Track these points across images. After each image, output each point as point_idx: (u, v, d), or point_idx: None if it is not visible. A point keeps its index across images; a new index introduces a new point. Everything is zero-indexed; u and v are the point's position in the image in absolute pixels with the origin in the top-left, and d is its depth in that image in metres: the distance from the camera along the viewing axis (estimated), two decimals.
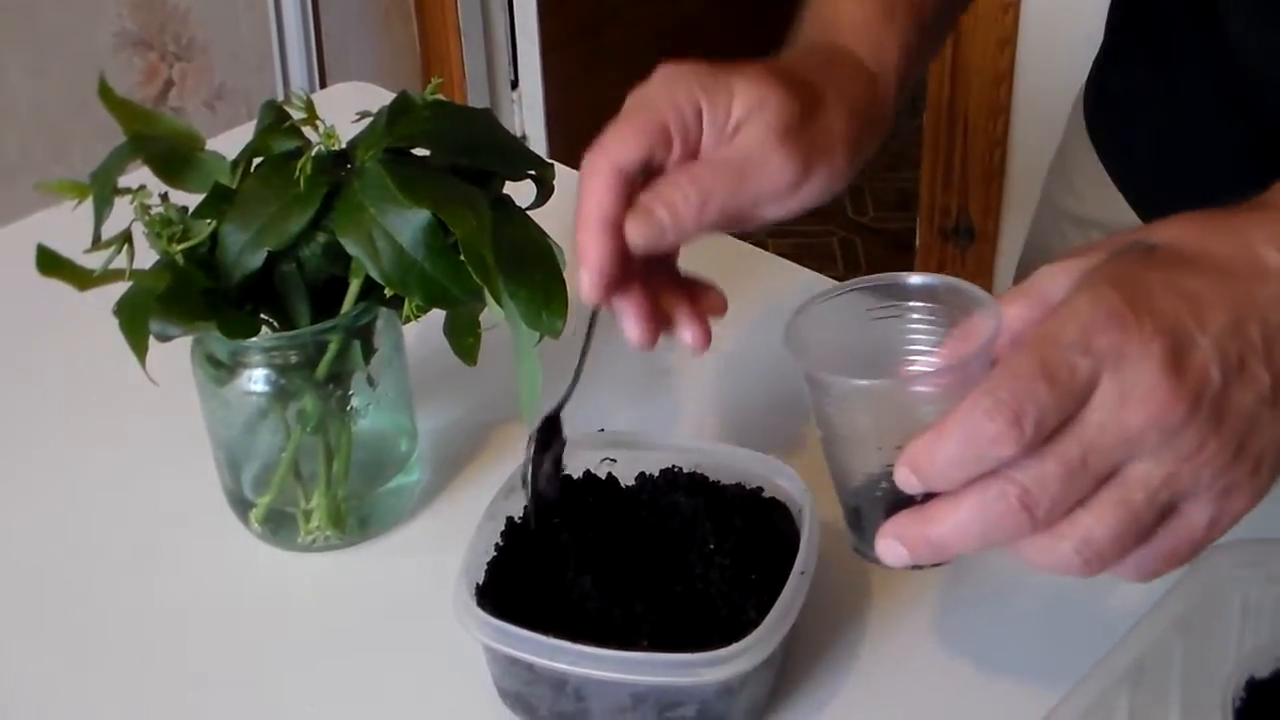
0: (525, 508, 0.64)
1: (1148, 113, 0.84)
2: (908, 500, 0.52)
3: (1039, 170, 0.98)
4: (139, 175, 0.66)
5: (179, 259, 0.64)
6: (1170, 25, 0.81)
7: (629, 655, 0.58)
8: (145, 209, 0.64)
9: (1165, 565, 0.52)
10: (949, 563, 0.53)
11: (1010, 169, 2.00)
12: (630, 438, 0.70)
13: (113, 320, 0.62)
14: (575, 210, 0.61)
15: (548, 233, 0.67)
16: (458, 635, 0.61)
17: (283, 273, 0.66)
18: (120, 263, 0.64)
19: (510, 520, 0.66)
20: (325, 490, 0.71)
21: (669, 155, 0.62)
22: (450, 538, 0.73)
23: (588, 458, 0.69)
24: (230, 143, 0.70)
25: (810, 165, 0.64)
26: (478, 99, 2.43)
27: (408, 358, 0.73)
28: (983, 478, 0.50)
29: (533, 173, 0.70)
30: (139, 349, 0.62)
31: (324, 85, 2.23)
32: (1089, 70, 0.91)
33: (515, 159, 0.70)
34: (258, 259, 0.64)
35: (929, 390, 0.54)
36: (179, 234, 0.64)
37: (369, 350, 0.69)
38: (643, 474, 0.68)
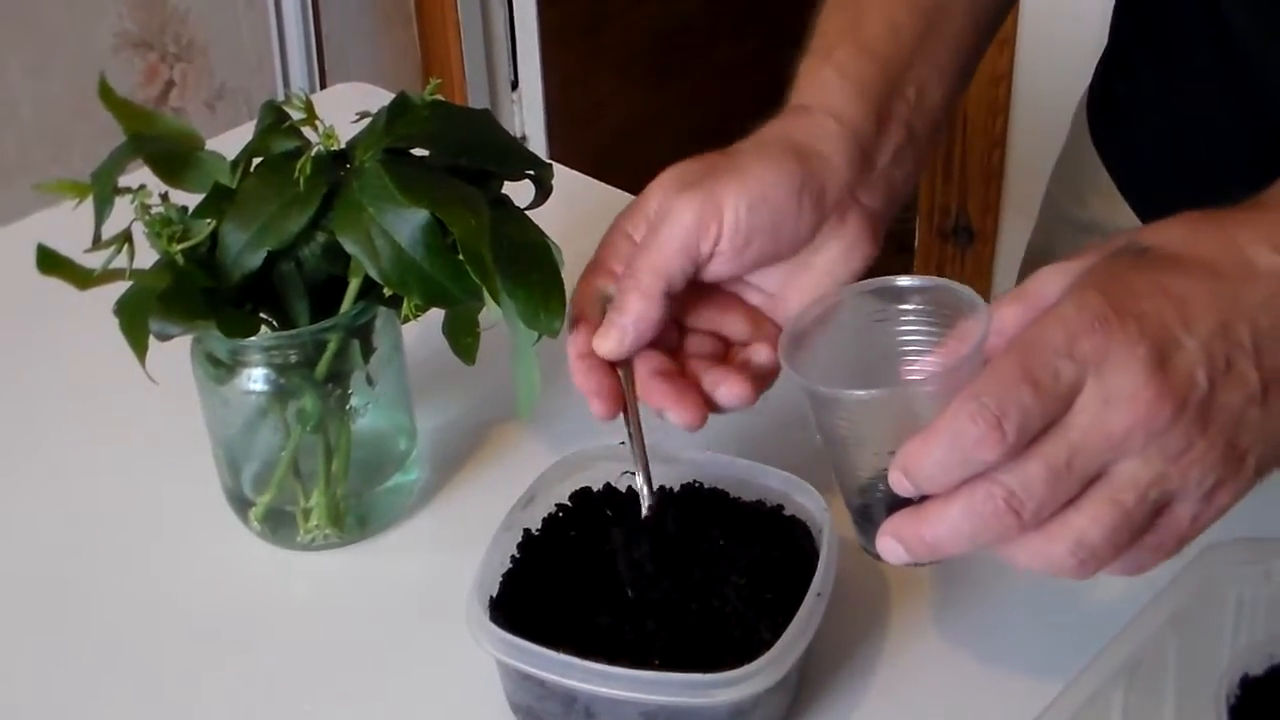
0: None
1: (1152, 119, 0.84)
2: (908, 499, 0.53)
3: (1038, 170, 0.98)
4: (139, 175, 0.66)
5: (179, 258, 0.64)
6: (1175, 31, 0.81)
7: (640, 674, 0.57)
8: (145, 209, 0.64)
9: (1152, 560, 0.53)
10: (950, 560, 0.54)
11: (1009, 169, 2.00)
12: (650, 451, 0.68)
13: (113, 320, 0.63)
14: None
15: (546, 233, 0.67)
16: (458, 635, 0.61)
17: (282, 272, 0.66)
18: (120, 262, 0.64)
19: (527, 532, 0.65)
20: (324, 489, 0.71)
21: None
22: (449, 536, 0.74)
23: (608, 470, 0.68)
24: (230, 143, 0.70)
25: (715, 193, 0.64)
26: (477, 99, 2.43)
27: (407, 357, 0.74)
28: (972, 480, 0.51)
29: (531, 173, 0.71)
30: (139, 348, 0.62)
31: (324, 86, 2.23)
32: (1092, 75, 0.91)
33: (514, 159, 0.70)
34: (257, 258, 0.64)
35: (924, 395, 0.55)
36: (179, 234, 0.64)
37: (368, 349, 0.70)
38: (662, 488, 0.66)
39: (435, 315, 0.70)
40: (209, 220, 0.65)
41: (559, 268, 0.66)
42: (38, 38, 1.93)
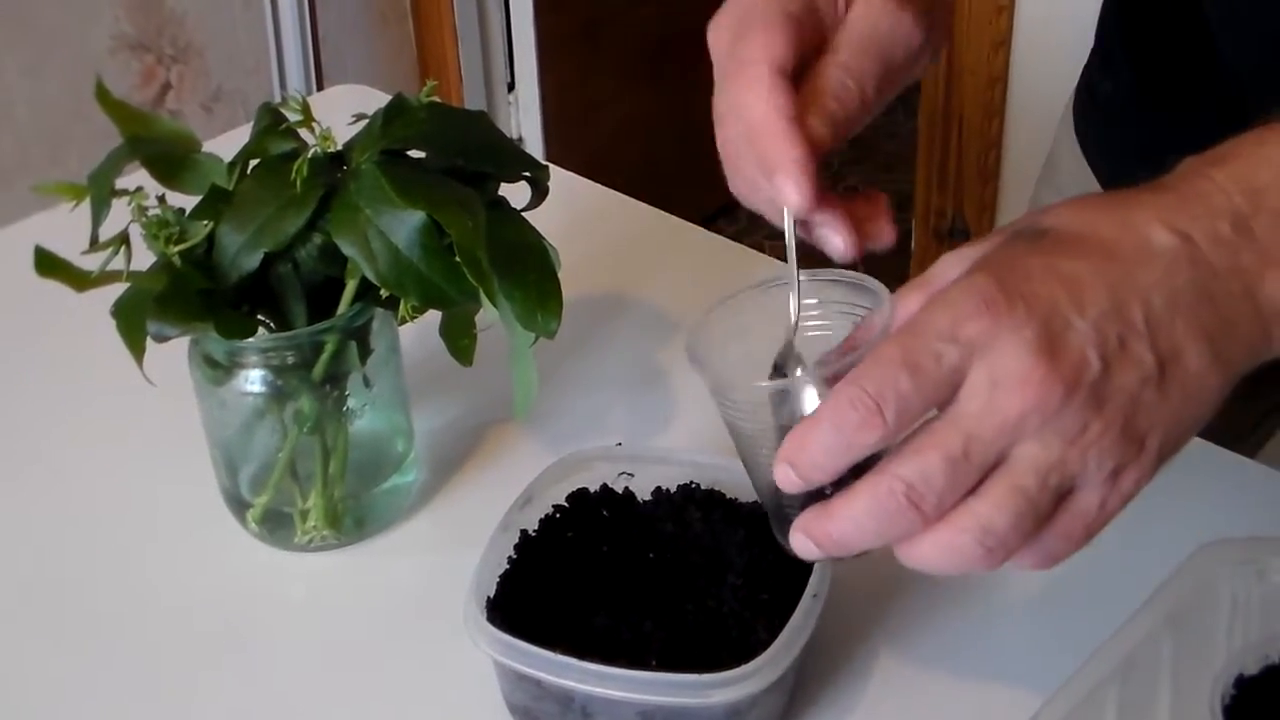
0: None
1: (1135, 119, 0.85)
2: (821, 493, 0.52)
3: (1033, 172, 0.98)
4: (136, 177, 0.66)
5: (176, 260, 0.64)
6: (1158, 32, 0.82)
7: (637, 674, 0.57)
8: (142, 210, 0.64)
9: (1064, 549, 0.52)
10: (866, 554, 0.53)
11: (1005, 171, 2.01)
12: (648, 452, 0.69)
13: (110, 321, 0.63)
14: (743, 123, 0.59)
15: (543, 234, 0.67)
16: (456, 636, 0.61)
17: (279, 274, 0.66)
18: (118, 264, 0.64)
19: (524, 533, 0.65)
20: (322, 490, 0.71)
21: (805, 46, 0.60)
22: (447, 538, 0.74)
23: (605, 472, 0.68)
24: (227, 145, 0.70)
25: (928, 18, 0.61)
26: (474, 101, 2.43)
27: (404, 358, 0.74)
28: (873, 475, 0.50)
29: (528, 174, 0.71)
30: (136, 350, 0.62)
31: (321, 88, 2.23)
32: (1079, 76, 0.91)
33: (510, 161, 0.70)
34: (254, 260, 0.65)
35: (824, 385, 0.54)
36: (176, 235, 0.65)
37: (365, 351, 0.70)
38: (659, 489, 0.67)
39: (432, 317, 0.70)
40: (206, 222, 0.65)
41: (556, 269, 0.66)
42: (34, 39, 1.93)
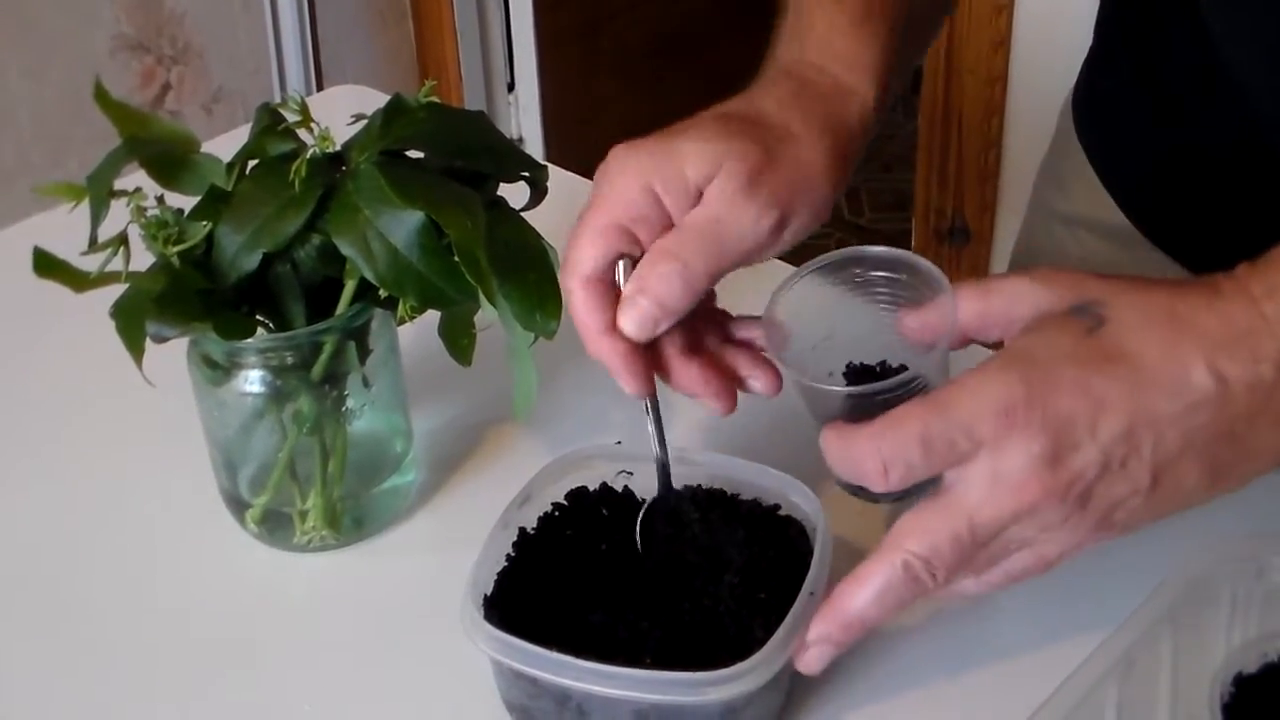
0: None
1: (1135, 113, 0.85)
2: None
3: (1033, 171, 0.98)
4: (135, 178, 0.67)
5: (175, 261, 0.64)
6: (1156, 27, 0.82)
7: (633, 672, 0.57)
8: (141, 211, 0.64)
9: (1005, 583, 0.58)
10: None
11: (1005, 170, 2.01)
12: (647, 451, 0.68)
13: (109, 322, 0.63)
14: (579, 333, 0.63)
15: (542, 234, 0.67)
16: (454, 635, 0.61)
17: (278, 274, 0.66)
18: (117, 265, 0.64)
19: (523, 530, 0.65)
20: (321, 491, 0.71)
21: (639, 245, 0.62)
22: (446, 538, 0.74)
23: (604, 470, 0.68)
24: (227, 145, 0.70)
25: (788, 207, 0.62)
26: (474, 101, 2.43)
27: (403, 359, 0.74)
28: (882, 551, 0.57)
29: (527, 174, 0.71)
30: (135, 350, 0.62)
31: (320, 88, 2.23)
32: (1079, 72, 0.91)
33: (509, 161, 0.70)
34: (253, 260, 0.65)
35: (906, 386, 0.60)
36: (175, 236, 0.65)
37: (364, 351, 0.70)
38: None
39: (431, 317, 0.70)
40: (205, 223, 0.65)
41: (555, 269, 0.66)
42: (34, 41, 1.93)
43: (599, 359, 0.62)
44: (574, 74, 2.49)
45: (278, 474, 0.71)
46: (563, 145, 2.46)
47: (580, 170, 1.00)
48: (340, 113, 0.70)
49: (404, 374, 0.74)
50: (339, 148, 0.67)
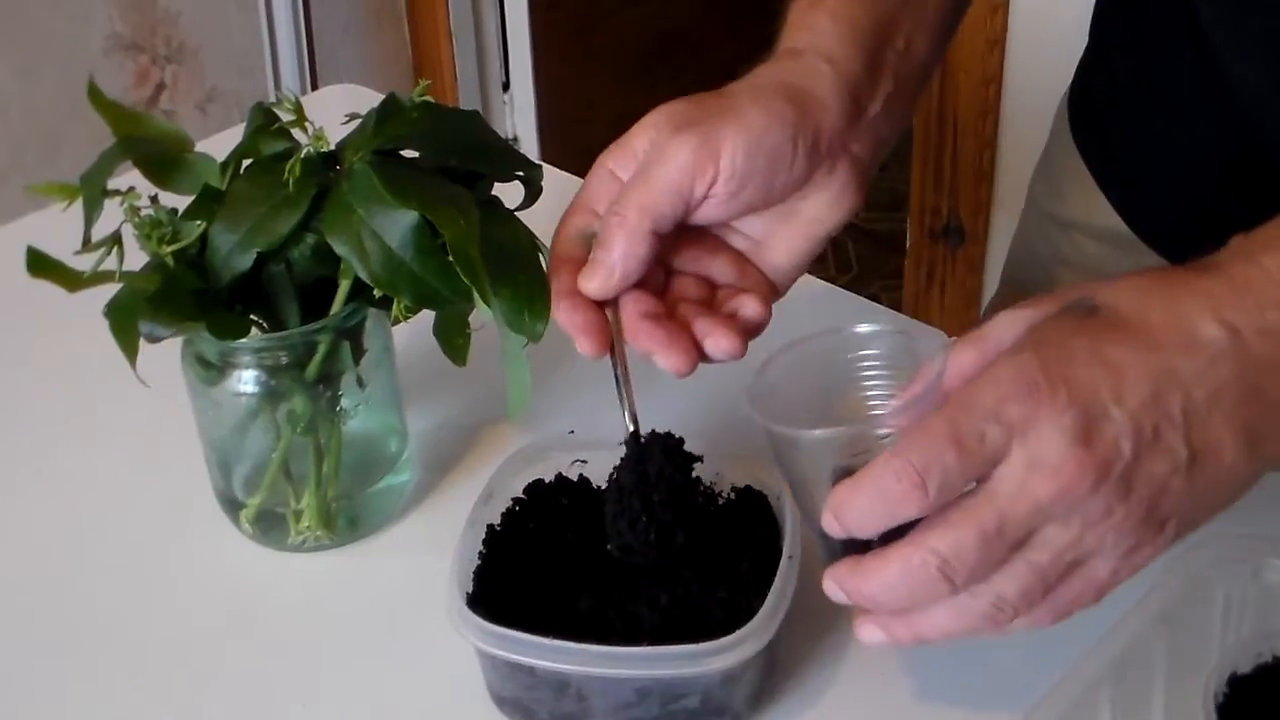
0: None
1: (1131, 116, 0.85)
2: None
3: (1028, 171, 0.98)
4: (129, 178, 0.66)
5: (168, 260, 0.64)
6: (1151, 30, 0.82)
7: (635, 651, 0.59)
8: (135, 211, 0.64)
9: (1071, 609, 0.54)
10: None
11: (1000, 169, 2.01)
12: (601, 439, 0.69)
13: (103, 322, 0.63)
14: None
15: (536, 234, 0.67)
16: (448, 635, 0.61)
17: (272, 274, 0.66)
18: (110, 264, 0.64)
19: (490, 528, 0.66)
20: (315, 491, 0.71)
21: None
22: (440, 538, 0.74)
23: (560, 461, 0.69)
24: (221, 145, 0.70)
25: (713, 134, 0.62)
26: (469, 101, 2.43)
27: (397, 358, 0.74)
28: (906, 545, 0.52)
29: (521, 174, 0.71)
30: (129, 350, 0.62)
31: (315, 88, 2.23)
32: (1074, 74, 0.91)
33: (503, 160, 0.70)
34: (247, 260, 0.64)
35: (878, 433, 0.56)
36: (168, 235, 0.65)
37: (358, 351, 0.70)
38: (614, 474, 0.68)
39: (426, 317, 0.70)
40: (199, 222, 0.65)
41: (546, 270, 0.66)
42: (28, 40, 1.93)
43: (562, 325, 0.63)
44: (569, 74, 2.49)
45: (272, 474, 0.71)
46: (557, 145, 2.46)
47: (575, 170, 1.00)
48: (334, 112, 0.69)
49: (398, 374, 0.74)
50: (333, 147, 0.67)
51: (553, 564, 0.65)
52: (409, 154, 0.67)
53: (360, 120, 0.68)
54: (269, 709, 0.66)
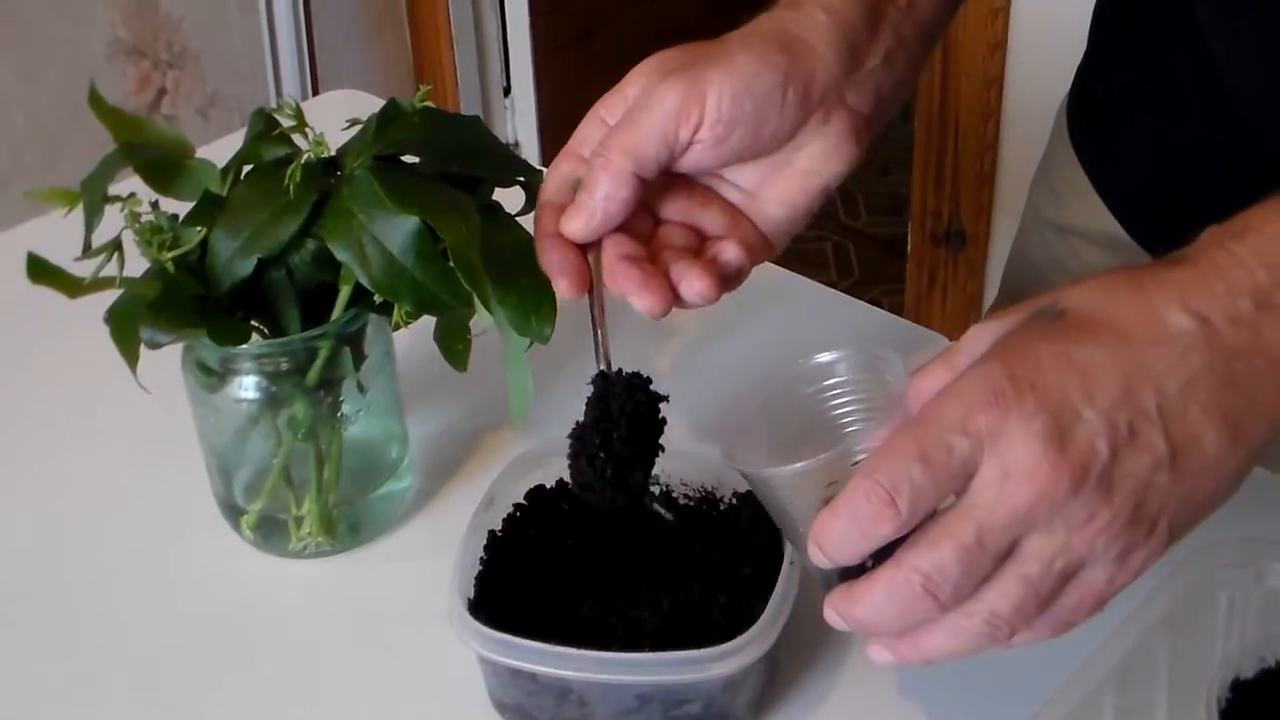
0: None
1: (1130, 121, 0.85)
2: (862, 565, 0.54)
3: (1030, 175, 0.98)
4: (130, 183, 0.66)
5: (169, 266, 0.64)
6: (1151, 35, 0.81)
7: (638, 657, 0.59)
8: (135, 217, 0.64)
9: (1073, 620, 0.53)
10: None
11: (1001, 173, 2.01)
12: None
13: (103, 328, 0.63)
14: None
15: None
16: (449, 641, 0.61)
17: (272, 280, 0.66)
18: (111, 270, 0.64)
19: (492, 534, 0.66)
20: (316, 496, 0.71)
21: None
22: (442, 544, 0.73)
23: (560, 466, 0.68)
24: (222, 150, 0.70)
25: (700, 79, 0.62)
26: (470, 106, 2.43)
27: (398, 364, 0.74)
28: (889, 566, 0.52)
29: (521, 179, 0.71)
30: (129, 356, 0.62)
31: (316, 93, 2.23)
32: (1072, 80, 0.91)
33: (504, 165, 0.70)
34: (248, 266, 0.64)
35: (850, 462, 0.56)
36: (169, 241, 0.64)
37: (359, 357, 0.70)
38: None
39: (426, 322, 0.70)
40: (199, 228, 0.65)
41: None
42: (30, 45, 1.93)
43: (544, 266, 0.62)
44: (570, 79, 2.49)
45: (273, 480, 0.71)
46: (558, 149, 2.45)
47: None
48: (335, 118, 0.69)
49: (399, 379, 0.74)
50: (334, 153, 0.67)
51: (554, 570, 0.65)
52: (410, 159, 0.67)
53: (361, 126, 0.68)
54: (270, 715, 0.66)
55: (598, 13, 2.52)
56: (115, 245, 0.64)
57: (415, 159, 0.67)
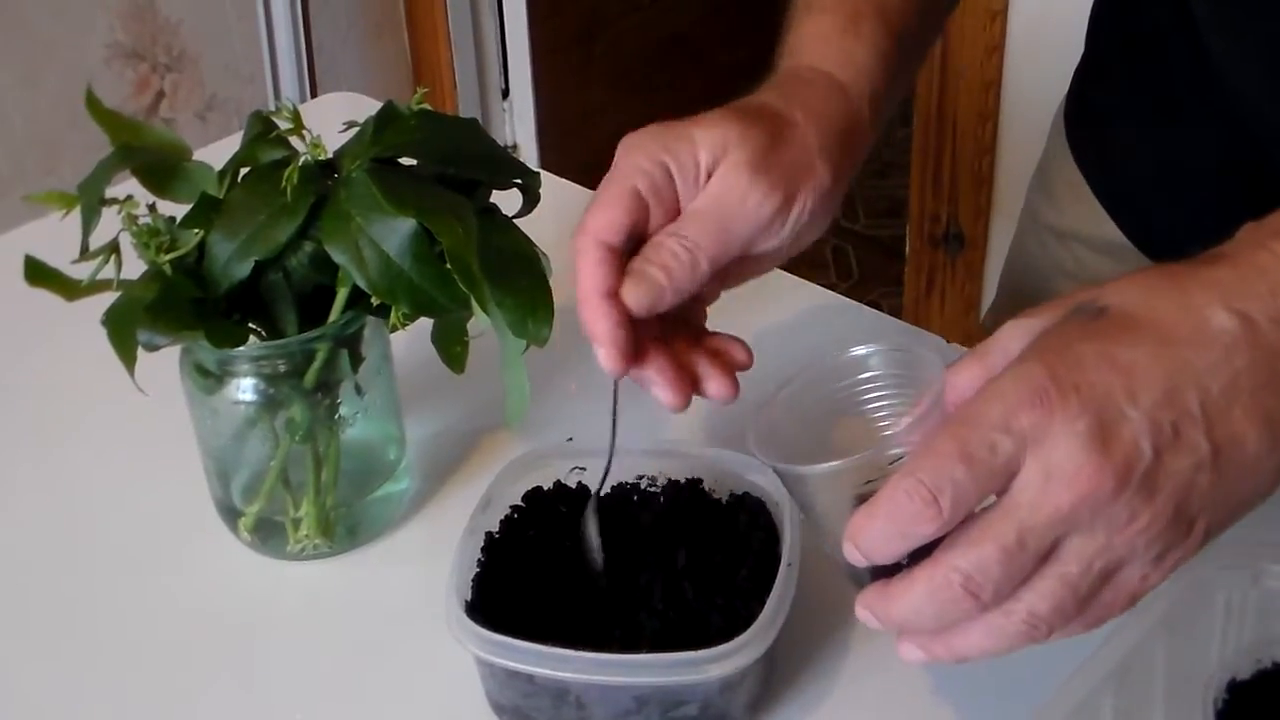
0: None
1: (1128, 124, 0.84)
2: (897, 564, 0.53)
3: (1027, 176, 0.98)
4: (127, 186, 0.66)
5: (167, 269, 0.64)
6: (1149, 39, 0.81)
7: (635, 658, 0.59)
8: (133, 219, 0.64)
9: (1105, 615, 0.53)
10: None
11: (999, 175, 2.01)
12: (600, 447, 0.68)
13: (101, 330, 0.63)
14: (576, 294, 0.62)
15: (535, 241, 0.67)
16: (446, 643, 0.61)
17: (270, 282, 0.66)
18: (108, 273, 0.64)
19: (489, 535, 0.66)
20: (314, 499, 0.71)
21: (649, 220, 0.63)
22: (439, 546, 0.74)
23: (558, 469, 0.69)
24: (220, 153, 0.70)
25: (792, 189, 0.63)
26: (468, 108, 2.43)
27: (395, 366, 0.74)
28: (929, 565, 0.51)
29: (519, 181, 0.71)
30: (127, 359, 0.62)
31: (314, 95, 2.23)
32: (1070, 82, 0.91)
33: (501, 168, 0.70)
34: (245, 268, 0.64)
35: (886, 461, 0.55)
36: (166, 244, 0.65)
37: (356, 359, 0.70)
38: (621, 482, 0.68)
39: (424, 324, 0.70)
40: (197, 230, 0.65)
41: (547, 276, 0.66)
42: (29, 48, 1.93)
43: (590, 323, 0.61)
44: (568, 81, 2.49)
45: (270, 482, 0.71)
46: (556, 152, 2.46)
47: (574, 177, 1.00)
48: (333, 120, 0.70)
49: (397, 381, 0.74)
50: (331, 155, 0.67)
51: (551, 571, 0.65)
52: (407, 162, 0.67)
53: (359, 128, 0.68)
54: (267, 717, 0.66)
55: (596, 16, 2.51)
56: (113, 248, 0.64)
57: (413, 161, 0.67)
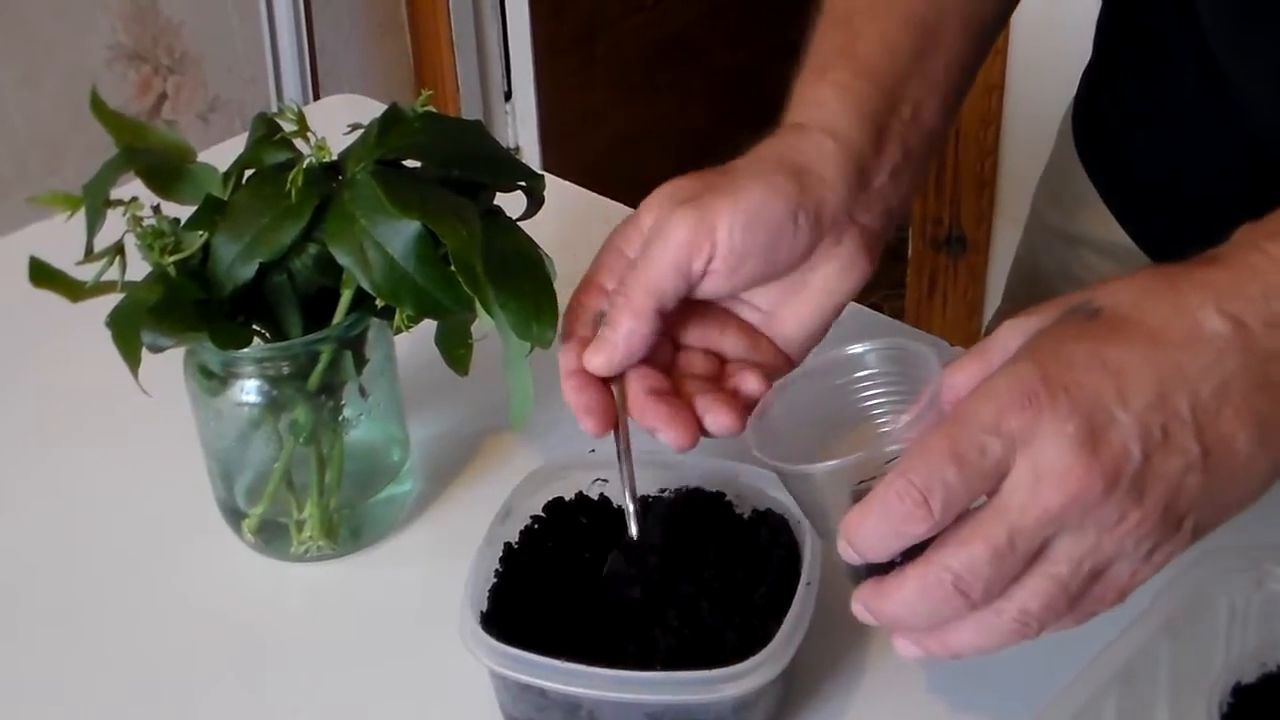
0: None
1: (1137, 130, 0.84)
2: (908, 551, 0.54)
3: (1030, 179, 0.98)
4: (131, 188, 0.66)
5: (171, 270, 0.64)
6: (1157, 43, 0.81)
7: (649, 675, 0.58)
8: (137, 221, 0.64)
9: (1094, 611, 0.54)
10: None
11: (1002, 178, 2.01)
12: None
13: (105, 332, 0.63)
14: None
15: (539, 244, 0.67)
16: (452, 646, 0.61)
17: (274, 284, 0.66)
18: (113, 274, 0.64)
19: (508, 545, 0.65)
20: (318, 500, 0.71)
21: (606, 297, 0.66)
22: (443, 548, 0.74)
23: (580, 480, 0.68)
24: (223, 155, 0.70)
25: (712, 212, 0.63)
26: (471, 110, 2.43)
27: (399, 368, 0.74)
28: (921, 563, 0.52)
29: (523, 184, 0.71)
30: (131, 360, 0.62)
31: (317, 97, 2.23)
32: (1077, 87, 0.91)
33: (505, 170, 0.70)
34: (249, 270, 0.64)
35: (884, 460, 0.56)
36: (171, 245, 0.65)
37: (360, 361, 0.70)
38: (645, 499, 0.67)
39: (428, 327, 0.70)
40: (201, 232, 0.65)
41: (551, 278, 0.66)
42: (31, 50, 1.93)
43: (569, 402, 0.64)
44: (571, 83, 2.49)
45: (274, 484, 0.71)
46: (559, 154, 2.46)
47: (577, 179, 1.00)
48: (337, 122, 0.70)
49: (401, 383, 0.74)
50: (335, 157, 0.67)
51: (569, 585, 0.64)
52: (411, 164, 0.67)
53: (362, 130, 0.68)
54: (270, 718, 0.66)
55: (599, 17, 2.51)
56: (117, 249, 0.64)
57: (417, 164, 0.67)
